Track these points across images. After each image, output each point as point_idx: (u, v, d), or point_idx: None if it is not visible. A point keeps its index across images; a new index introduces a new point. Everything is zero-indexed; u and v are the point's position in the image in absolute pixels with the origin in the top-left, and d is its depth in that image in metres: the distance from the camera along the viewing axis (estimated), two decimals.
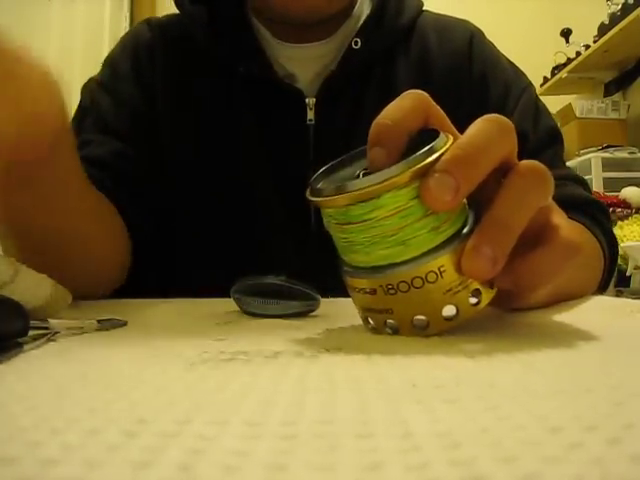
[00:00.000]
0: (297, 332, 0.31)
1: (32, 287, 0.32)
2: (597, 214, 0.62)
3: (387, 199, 0.28)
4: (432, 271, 0.28)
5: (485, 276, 0.29)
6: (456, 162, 0.28)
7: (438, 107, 0.33)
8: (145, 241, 0.60)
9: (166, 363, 0.24)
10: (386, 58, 0.68)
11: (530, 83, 0.72)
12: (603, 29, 2.69)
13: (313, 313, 0.39)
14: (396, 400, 0.18)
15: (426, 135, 0.30)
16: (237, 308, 0.40)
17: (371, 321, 0.31)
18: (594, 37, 2.79)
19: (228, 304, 0.40)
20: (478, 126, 0.30)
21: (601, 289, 0.61)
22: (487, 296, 0.30)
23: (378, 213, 0.28)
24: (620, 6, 2.58)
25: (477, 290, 0.30)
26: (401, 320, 0.30)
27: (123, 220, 0.57)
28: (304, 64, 0.67)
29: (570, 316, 0.36)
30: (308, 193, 0.31)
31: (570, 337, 0.29)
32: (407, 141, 0.30)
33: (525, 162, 0.30)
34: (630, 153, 2.73)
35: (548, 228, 0.31)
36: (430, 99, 0.32)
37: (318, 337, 0.30)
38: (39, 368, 0.23)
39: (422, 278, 0.28)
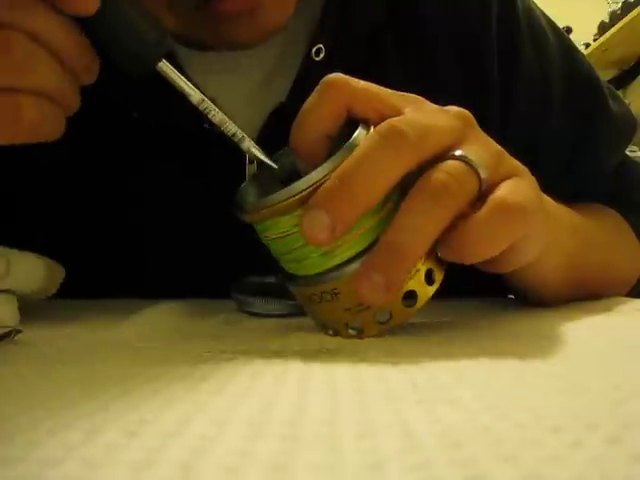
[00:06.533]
0: (297, 332, 0.31)
1: (27, 274, 0.32)
2: None
3: (269, 224, 0.28)
4: (325, 292, 0.28)
5: (377, 302, 0.27)
6: (331, 197, 0.26)
7: (361, 85, 0.29)
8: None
9: (166, 363, 0.24)
10: (366, 46, 0.46)
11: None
12: (603, 27, 2.69)
13: None
14: (397, 400, 0.18)
15: (352, 125, 0.28)
16: (237, 308, 0.40)
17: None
18: (594, 35, 2.79)
19: (228, 304, 0.40)
20: (364, 145, 0.27)
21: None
22: (423, 297, 0.29)
23: (267, 234, 0.29)
24: (620, 4, 2.57)
25: (411, 291, 0.28)
26: (317, 324, 0.31)
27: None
28: (235, 89, 0.45)
29: (571, 315, 0.36)
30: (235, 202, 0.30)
31: (570, 336, 0.29)
32: (328, 143, 0.29)
33: (435, 170, 0.27)
34: (630, 152, 2.72)
35: (489, 193, 0.28)
36: (349, 82, 0.29)
37: (319, 337, 0.30)
38: (37, 368, 0.23)
39: (318, 295, 0.29)
